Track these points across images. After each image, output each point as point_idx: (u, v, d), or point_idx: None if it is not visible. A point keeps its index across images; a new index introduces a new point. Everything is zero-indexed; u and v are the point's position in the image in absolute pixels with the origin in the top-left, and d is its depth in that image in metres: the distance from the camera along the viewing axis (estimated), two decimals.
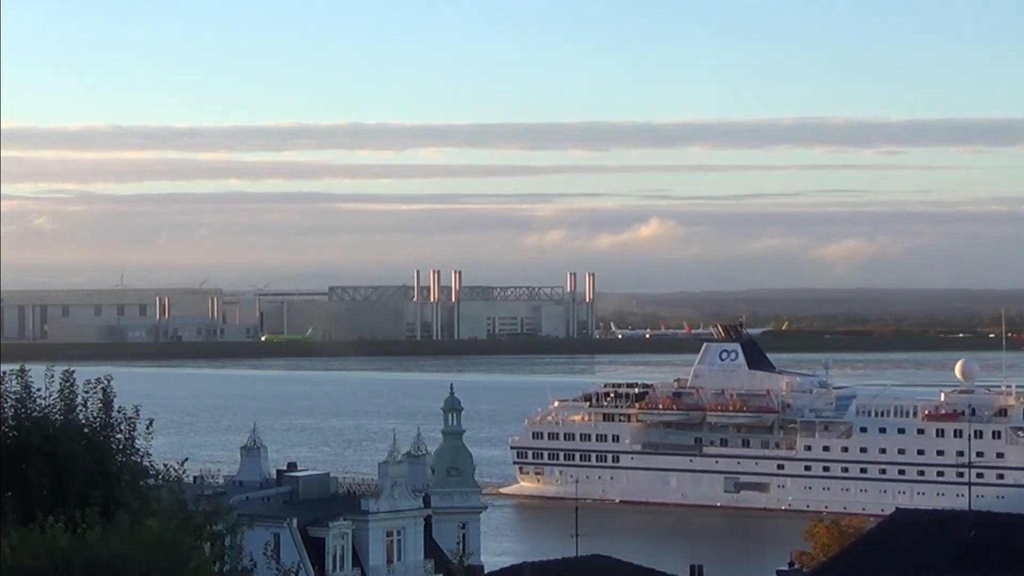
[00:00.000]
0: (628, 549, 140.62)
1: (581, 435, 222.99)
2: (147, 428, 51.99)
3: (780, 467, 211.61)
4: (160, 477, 52.90)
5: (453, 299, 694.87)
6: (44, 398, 51.03)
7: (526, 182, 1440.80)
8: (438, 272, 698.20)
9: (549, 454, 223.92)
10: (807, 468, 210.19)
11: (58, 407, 50.77)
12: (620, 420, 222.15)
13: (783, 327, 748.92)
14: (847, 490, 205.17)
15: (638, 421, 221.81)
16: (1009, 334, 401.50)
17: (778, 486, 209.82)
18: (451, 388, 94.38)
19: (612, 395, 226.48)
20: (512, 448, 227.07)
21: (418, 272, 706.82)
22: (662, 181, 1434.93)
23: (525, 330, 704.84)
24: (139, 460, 51.24)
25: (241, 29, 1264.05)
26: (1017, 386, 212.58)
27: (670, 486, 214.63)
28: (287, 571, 65.78)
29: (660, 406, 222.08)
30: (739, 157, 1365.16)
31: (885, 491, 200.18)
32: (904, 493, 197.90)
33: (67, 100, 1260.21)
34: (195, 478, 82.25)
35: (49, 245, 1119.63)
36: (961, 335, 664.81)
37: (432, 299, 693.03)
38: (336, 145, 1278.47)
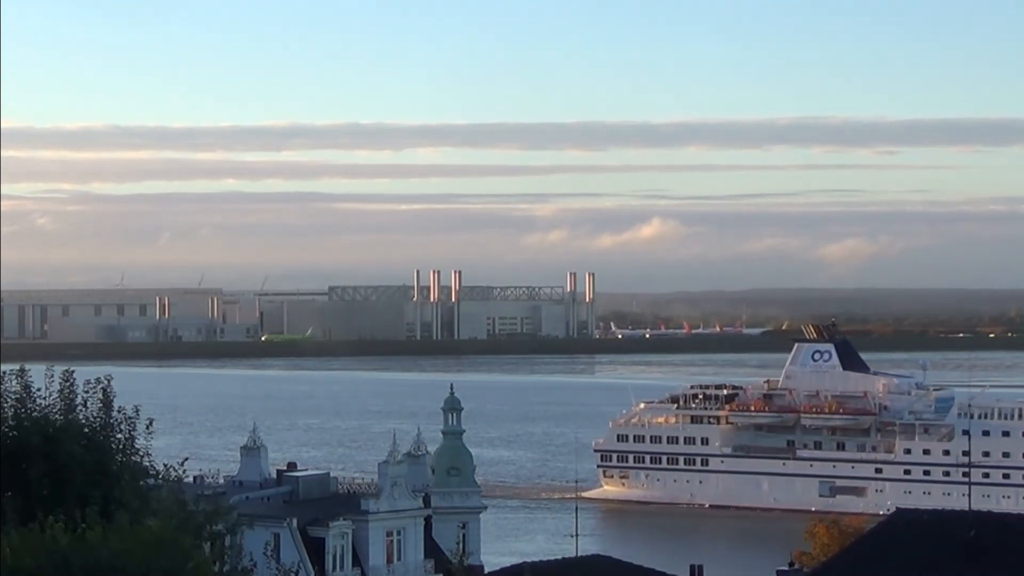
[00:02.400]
0: (628, 549, 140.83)
1: (668, 438, 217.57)
2: (147, 428, 51.99)
3: (878, 471, 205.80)
4: (160, 477, 52.88)
5: (453, 299, 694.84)
6: (44, 398, 51.01)
7: (524, 182, 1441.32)
8: (438, 272, 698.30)
9: (635, 457, 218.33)
10: (906, 472, 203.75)
11: (58, 407, 50.75)
12: (709, 422, 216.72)
13: (783, 327, 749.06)
14: (948, 494, 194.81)
15: (728, 423, 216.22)
16: None
17: (876, 490, 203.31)
18: (451, 388, 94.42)
19: (700, 397, 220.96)
20: (596, 451, 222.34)
21: (418, 272, 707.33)
22: (660, 181, 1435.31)
23: (525, 330, 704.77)
24: (139, 460, 51.23)
25: (239, 29, 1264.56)
26: None
27: (762, 490, 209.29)
28: (287, 571, 65.79)
29: (752, 408, 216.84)
30: (737, 157, 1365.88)
31: (988, 495, 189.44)
32: (1009, 498, 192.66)
33: (65, 100, 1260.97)
34: (195, 478, 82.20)
35: (49, 245, 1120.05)
36: (961, 335, 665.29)
37: (432, 299, 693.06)
38: (334, 145, 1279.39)
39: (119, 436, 50.75)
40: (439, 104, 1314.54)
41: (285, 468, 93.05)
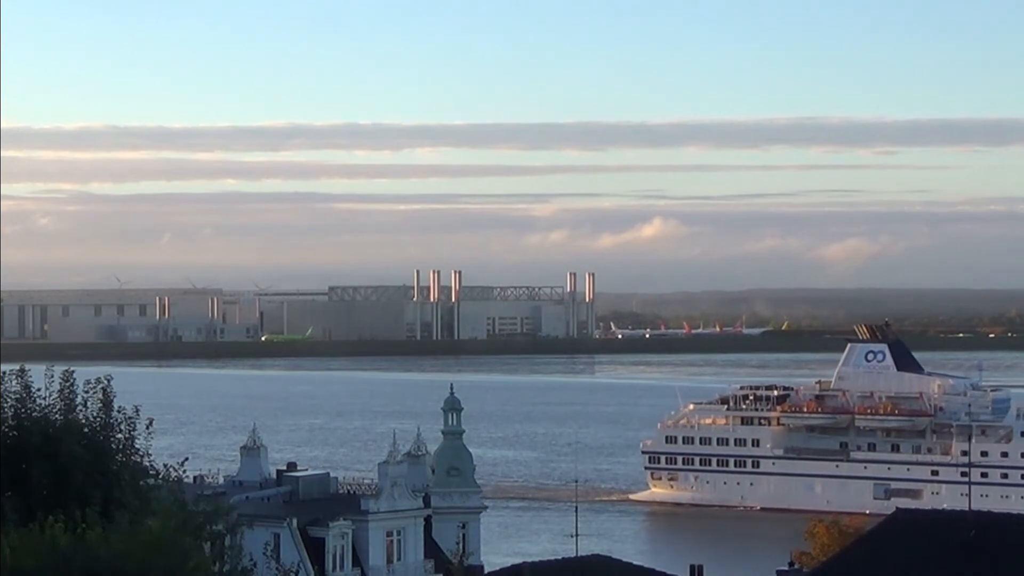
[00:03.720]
0: (628, 549, 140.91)
1: (718, 439, 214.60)
2: (147, 428, 51.98)
3: (934, 473, 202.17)
4: (160, 477, 52.88)
5: (453, 299, 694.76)
6: (44, 398, 51.02)
7: (523, 182, 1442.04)
8: (438, 272, 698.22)
9: (683, 459, 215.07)
10: (963, 474, 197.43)
11: (58, 407, 50.75)
12: (760, 424, 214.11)
13: (783, 327, 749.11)
14: (1007, 497, 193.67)
15: (780, 425, 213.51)
16: None
17: (932, 493, 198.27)
18: (451, 388, 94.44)
19: (751, 398, 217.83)
20: (644, 452, 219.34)
21: (418, 272, 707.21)
22: (659, 181, 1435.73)
23: (525, 330, 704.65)
24: (139, 460, 51.23)
25: (238, 30, 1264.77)
26: None
27: (815, 493, 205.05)
28: (287, 571, 65.83)
29: (804, 409, 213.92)
30: (736, 157, 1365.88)
31: None
32: None
33: (64, 100, 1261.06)
34: (195, 478, 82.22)
35: (49, 245, 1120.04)
36: (961, 335, 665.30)
37: (432, 299, 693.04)
38: (333, 145, 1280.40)
39: (119, 436, 50.77)
40: (438, 104, 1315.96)
41: (285, 468, 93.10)
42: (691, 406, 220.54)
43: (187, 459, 58.32)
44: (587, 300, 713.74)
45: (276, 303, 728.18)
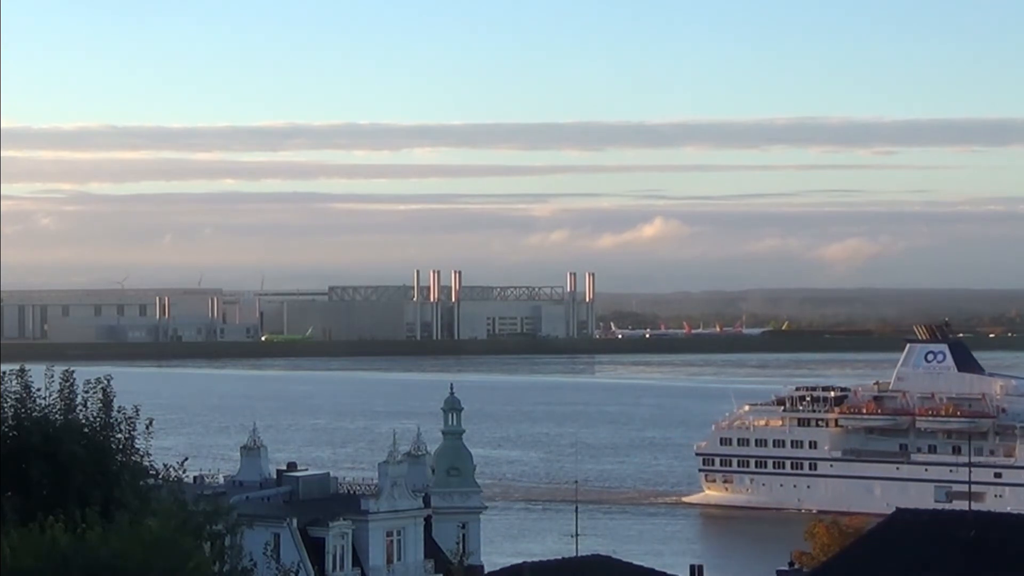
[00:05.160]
0: (628, 549, 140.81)
1: (774, 441, 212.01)
2: (147, 428, 51.98)
3: (997, 475, 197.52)
4: (160, 477, 52.87)
5: (453, 299, 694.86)
6: (44, 398, 51.02)
7: (522, 182, 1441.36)
8: (438, 272, 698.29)
9: (739, 461, 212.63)
10: None
11: (58, 407, 50.76)
12: (818, 425, 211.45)
13: (783, 327, 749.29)
14: None
15: (838, 426, 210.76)
16: None
17: (995, 495, 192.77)
18: (451, 388, 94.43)
19: (808, 399, 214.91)
20: (698, 455, 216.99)
21: (418, 272, 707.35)
22: (658, 181, 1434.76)
23: (525, 330, 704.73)
24: (139, 460, 51.23)
25: (236, 30, 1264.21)
26: None
27: (874, 495, 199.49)
28: (287, 571, 65.78)
29: (863, 410, 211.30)
30: (735, 157, 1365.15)
31: None
32: None
33: (62, 100, 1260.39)
34: (195, 478, 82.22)
35: (49, 245, 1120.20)
36: (961, 335, 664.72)
37: (432, 299, 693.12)
38: (332, 145, 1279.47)
39: (119, 436, 50.77)
40: (437, 104, 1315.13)
41: (285, 468, 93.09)
42: (746, 407, 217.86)
43: (187, 459, 58.32)
44: (587, 300, 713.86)
45: (276, 303, 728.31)
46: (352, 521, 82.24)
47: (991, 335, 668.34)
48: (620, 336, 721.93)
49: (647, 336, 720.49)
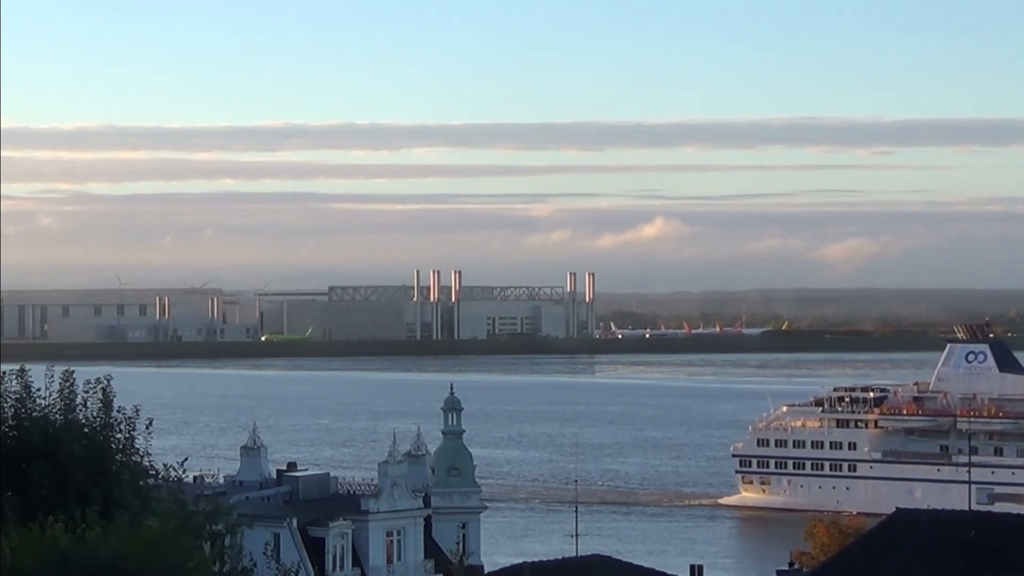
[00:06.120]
0: (628, 549, 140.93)
1: (813, 442, 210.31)
2: (147, 428, 51.97)
3: None
4: (160, 477, 52.87)
5: (453, 299, 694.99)
6: (44, 398, 50.98)
7: (521, 182, 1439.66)
8: (438, 272, 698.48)
9: (776, 462, 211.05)
10: None
11: (58, 407, 50.71)
12: (857, 426, 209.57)
13: (783, 327, 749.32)
14: None
15: (877, 427, 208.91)
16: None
17: None
18: (451, 388, 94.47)
19: (847, 400, 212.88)
20: (734, 456, 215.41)
21: (418, 272, 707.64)
22: (658, 181, 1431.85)
23: (525, 330, 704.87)
24: (139, 460, 51.21)
25: (235, 30, 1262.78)
26: None
27: (914, 497, 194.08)
28: (287, 571, 65.72)
29: (904, 411, 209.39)
30: (733, 157, 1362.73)
31: None
32: None
33: (61, 100, 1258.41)
34: (195, 478, 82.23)
35: (49, 245, 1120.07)
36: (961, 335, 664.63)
37: (432, 299, 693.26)
38: (330, 145, 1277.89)
39: (119, 436, 50.74)
40: (436, 104, 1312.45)
41: (285, 468, 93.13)
42: (784, 408, 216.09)
43: (187, 459, 58.33)
44: (587, 300, 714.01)
45: (276, 303, 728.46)
46: (352, 521, 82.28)
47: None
48: (620, 336, 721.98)
49: (647, 336, 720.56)
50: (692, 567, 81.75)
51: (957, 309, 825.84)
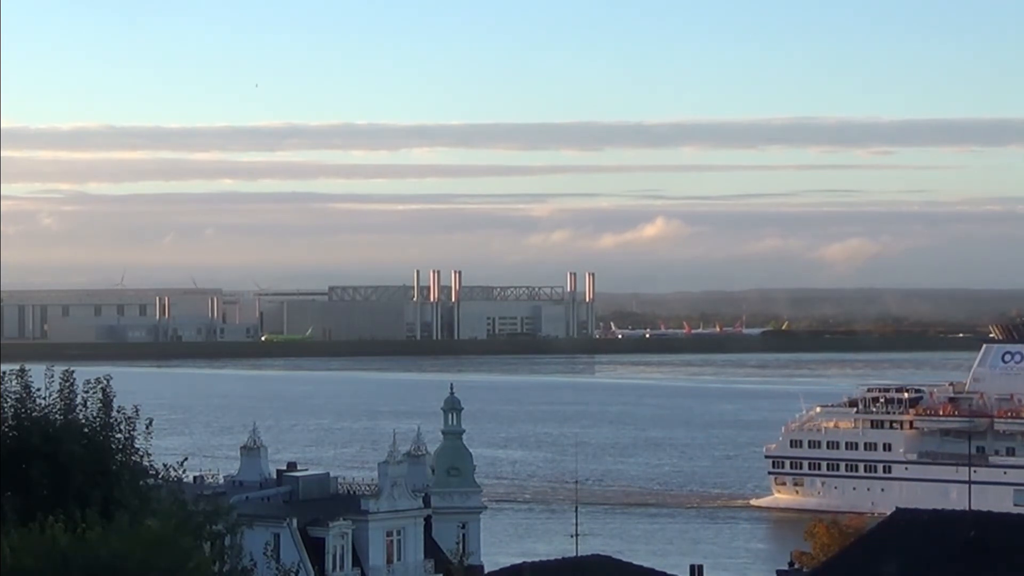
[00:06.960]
0: (628, 549, 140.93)
1: (847, 443, 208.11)
2: (147, 428, 51.97)
3: None
4: (160, 477, 52.87)
5: (453, 299, 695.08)
6: (44, 398, 50.98)
7: (521, 182, 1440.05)
8: (438, 272, 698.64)
9: (810, 463, 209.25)
10: None
11: (58, 407, 50.70)
12: (892, 427, 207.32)
13: (783, 327, 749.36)
14: None
15: (912, 428, 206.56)
16: None
17: None
18: (451, 388, 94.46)
19: (881, 400, 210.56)
20: (767, 457, 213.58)
21: (418, 272, 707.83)
22: (657, 181, 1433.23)
23: (525, 330, 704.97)
24: (139, 460, 51.21)
25: (234, 30, 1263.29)
26: None
27: (950, 499, 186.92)
28: (287, 571, 65.75)
29: (940, 412, 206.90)
30: (732, 157, 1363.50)
31: None
32: None
33: (60, 100, 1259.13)
34: (195, 478, 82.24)
35: (49, 245, 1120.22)
36: (961, 335, 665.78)
37: (432, 299, 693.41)
38: (329, 145, 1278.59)
39: (119, 436, 50.73)
40: (435, 104, 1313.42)
41: (285, 468, 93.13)
42: (818, 408, 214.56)
43: (187, 459, 58.33)
44: (587, 300, 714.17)
45: (276, 303, 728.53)
46: (352, 521, 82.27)
47: (991, 335, 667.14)
48: (620, 336, 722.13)
49: (647, 336, 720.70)
50: (692, 567, 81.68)
51: (957, 309, 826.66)
